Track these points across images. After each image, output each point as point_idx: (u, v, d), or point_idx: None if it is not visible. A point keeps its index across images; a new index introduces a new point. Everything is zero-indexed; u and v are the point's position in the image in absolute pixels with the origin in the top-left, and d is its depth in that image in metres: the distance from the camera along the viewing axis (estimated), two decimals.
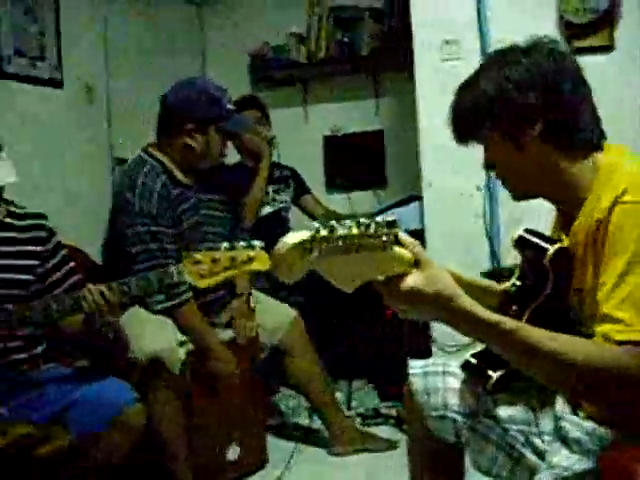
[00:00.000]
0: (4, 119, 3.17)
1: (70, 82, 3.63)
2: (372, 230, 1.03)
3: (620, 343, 1.18)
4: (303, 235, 1.01)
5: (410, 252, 1.10)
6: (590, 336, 1.27)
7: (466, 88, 1.51)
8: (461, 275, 1.39)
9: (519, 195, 1.55)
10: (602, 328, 1.23)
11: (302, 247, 1.01)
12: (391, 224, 1.04)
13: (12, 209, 2.29)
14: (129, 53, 4.07)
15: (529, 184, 1.50)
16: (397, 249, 1.08)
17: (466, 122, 1.50)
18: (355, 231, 1.02)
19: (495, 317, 1.17)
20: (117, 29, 3.96)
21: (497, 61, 1.49)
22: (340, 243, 1.01)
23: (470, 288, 1.38)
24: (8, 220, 2.26)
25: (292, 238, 1.01)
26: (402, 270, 1.11)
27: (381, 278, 1.11)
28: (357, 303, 3.55)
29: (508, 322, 1.18)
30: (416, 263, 1.12)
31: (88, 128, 3.78)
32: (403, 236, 1.09)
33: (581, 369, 1.17)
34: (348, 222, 1.02)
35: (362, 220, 1.03)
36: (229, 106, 2.75)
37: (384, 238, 1.04)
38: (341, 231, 1.01)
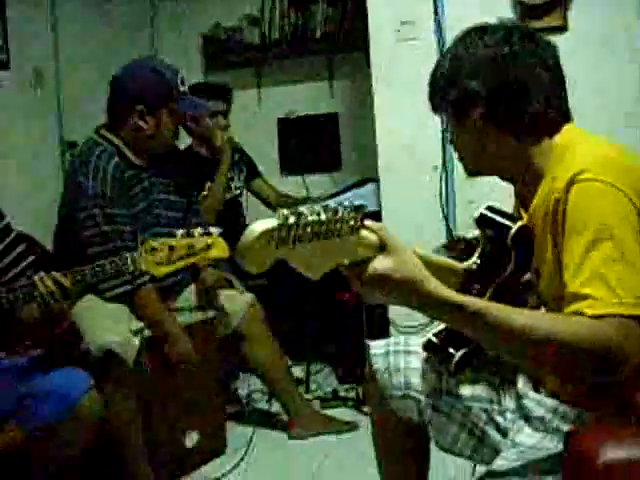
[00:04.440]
0: None
1: (17, 64, 3.54)
2: (340, 215, 1.01)
3: (593, 318, 1.17)
4: (271, 223, 0.97)
5: (376, 236, 1.09)
6: None
7: (438, 61, 1.53)
8: (423, 254, 1.38)
9: (471, 171, 1.57)
10: (572, 307, 1.21)
11: (270, 235, 0.97)
12: (358, 208, 1.02)
13: None
14: (79, 36, 3.98)
15: (479, 162, 1.52)
16: (364, 233, 1.06)
17: (430, 94, 1.53)
18: (323, 217, 0.99)
19: (462, 299, 1.16)
20: (66, 12, 3.88)
21: (460, 40, 1.49)
22: (309, 230, 0.99)
23: (432, 267, 1.38)
24: None
25: (259, 226, 0.97)
26: (369, 254, 1.10)
27: (346, 262, 1.10)
28: (314, 286, 3.55)
29: (476, 302, 1.17)
30: (382, 247, 1.11)
31: (37, 112, 3.70)
32: (369, 221, 1.08)
33: (557, 343, 1.15)
34: (316, 207, 1.00)
35: (330, 205, 1.01)
36: (182, 88, 2.67)
37: (351, 222, 1.02)
38: (309, 217, 0.98)
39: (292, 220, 0.97)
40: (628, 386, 1.30)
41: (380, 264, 1.10)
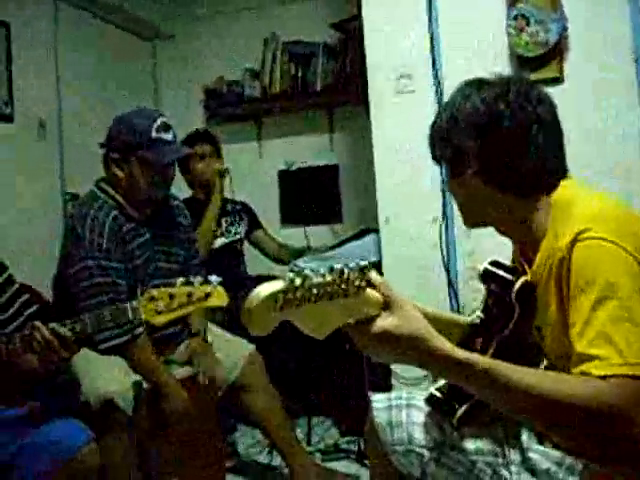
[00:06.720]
0: None
1: (21, 117, 3.58)
2: (345, 276, 1.02)
3: (600, 378, 1.16)
4: (277, 286, 0.98)
5: (380, 294, 1.09)
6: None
7: (436, 115, 1.55)
8: (426, 309, 1.38)
9: (468, 222, 1.57)
10: (579, 368, 1.20)
11: (275, 298, 0.98)
12: (364, 269, 1.02)
13: None
14: (82, 88, 4.04)
15: (476, 215, 1.53)
16: (369, 291, 1.07)
17: (430, 146, 1.55)
18: (329, 278, 1.00)
19: (469, 356, 1.15)
20: (70, 64, 3.94)
21: (457, 95, 1.51)
22: (314, 291, 0.99)
23: (435, 321, 1.38)
24: None
25: (265, 290, 0.98)
26: (374, 313, 1.09)
27: (352, 322, 1.10)
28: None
29: (483, 360, 1.16)
30: (386, 304, 1.11)
31: (40, 163, 3.73)
32: (374, 277, 1.08)
33: (563, 403, 1.14)
34: (322, 270, 1.01)
35: (335, 266, 1.01)
36: (154, 134, 2.61)
37: (357, 283, 1.03)
38: (315, 280, 0.99)
39: (298, 282, 0.98)
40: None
41: (384, 321, 1.10)
